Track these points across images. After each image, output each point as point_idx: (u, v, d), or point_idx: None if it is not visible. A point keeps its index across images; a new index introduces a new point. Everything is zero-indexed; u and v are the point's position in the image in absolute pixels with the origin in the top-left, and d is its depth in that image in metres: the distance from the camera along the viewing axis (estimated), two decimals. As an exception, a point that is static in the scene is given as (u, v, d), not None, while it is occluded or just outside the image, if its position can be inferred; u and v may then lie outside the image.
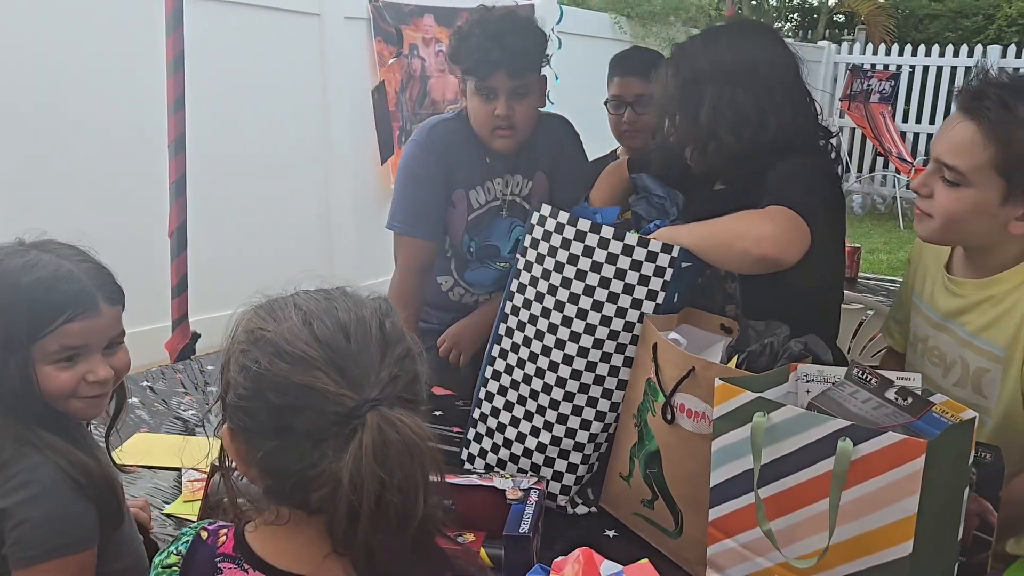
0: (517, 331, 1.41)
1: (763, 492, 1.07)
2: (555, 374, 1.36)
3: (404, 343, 0.82)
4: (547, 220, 1.38)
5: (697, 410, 1.22)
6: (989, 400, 1.33)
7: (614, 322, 1.33)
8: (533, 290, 1.39)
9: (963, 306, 1.35)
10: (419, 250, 1.90)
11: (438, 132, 1.88)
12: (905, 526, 0.96)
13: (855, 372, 1.13)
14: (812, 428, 1.02)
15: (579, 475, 1.41)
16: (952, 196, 1.25)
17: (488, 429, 1.46)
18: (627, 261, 1.31)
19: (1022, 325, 1.26)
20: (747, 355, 1.21)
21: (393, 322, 0.83)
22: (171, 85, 2.39)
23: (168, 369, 2.08)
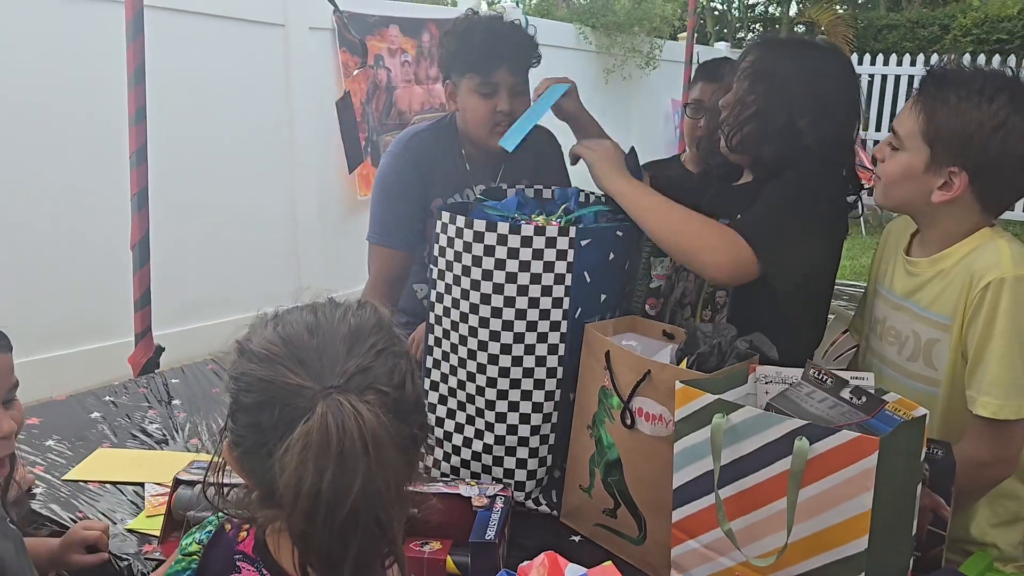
0: (444, 339, 1.42)
1: (723, 492, 1.09)
2: (485, 375, 1.38)
3: (381, 337, 0.82)
4: (448, 226, 1.39)
5: (654, 413, 1.23)
6: (939, 371, 1.38)
7: (529, 313, 1.35)
8: (449, 297, 1.40)
9: (918, 284, 1.42)
10: (391, 260, 1.91)
11: (416, 143, 1.89)
12: (860, 522, 0.98)
13: (811, 372, 1.16)
14: (770, 428, 1.04)
15: (531, 469, 1.42)
16: (894, 160, 1.38)
17: (437, 439, 1.47)
18: (528, 252, 1.33)
19: (962, 292, 1.32)
20: (697, 357, 1.23)
21: (370, 317, 0.83)
22: (132, 96, 2.37)
23: (131, 383, 2.05)
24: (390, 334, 0.83)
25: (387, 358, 0.81)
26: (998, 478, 1.33)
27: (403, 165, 1.87)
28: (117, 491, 1.53)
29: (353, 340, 0.80)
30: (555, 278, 1.35)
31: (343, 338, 0.80)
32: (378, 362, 0.80)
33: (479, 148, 1.87)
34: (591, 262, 1.38)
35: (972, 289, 1.30)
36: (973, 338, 1.30)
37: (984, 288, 1.28)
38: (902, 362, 1.44)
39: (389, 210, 1.89)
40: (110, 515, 1.44)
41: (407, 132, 1.94)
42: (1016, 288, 1.26)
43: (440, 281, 1.42)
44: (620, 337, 1.40)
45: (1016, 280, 1.26)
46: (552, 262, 1.34)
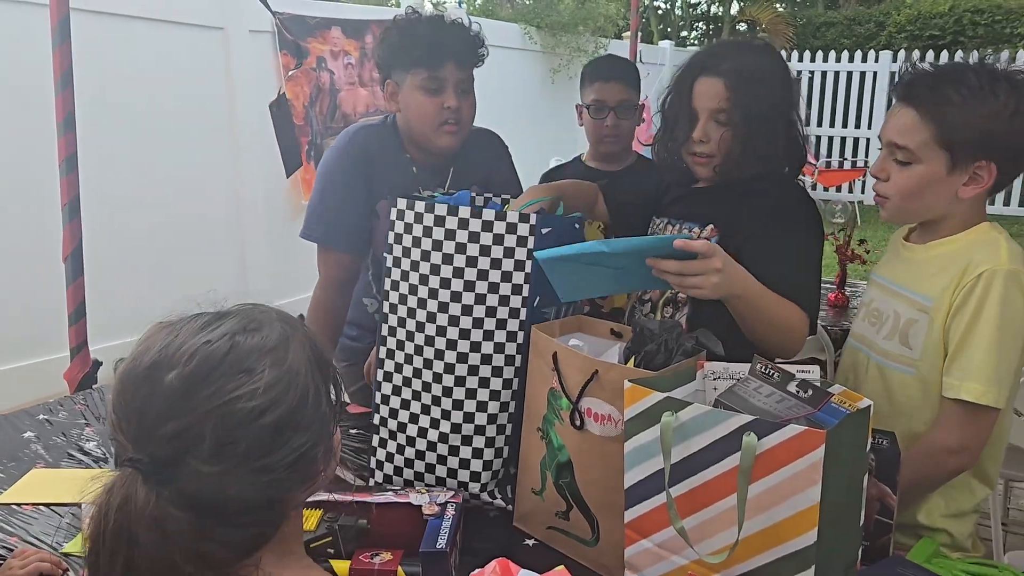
0: (399, 328, 1.40)
1: (674, 491, 1.08)
2: (442, 361, 1.36)
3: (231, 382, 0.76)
4: (405, 213, 1.38)
5: (603, 413, 1.23)
6: (914, 351, 1.40)
7: (488, 298, 1.35)
8: (406, 284, 1.39)
9: (908, 268, 1.45)
10: (337, 262, 1.83)
11: (360, 138, 1.82)
12: (809, 515, 0.98)
13: (759, 367, 1.16)
14: (718, 425, 1.03)
15: (487, 459, 1.40)
16: (905, 174, 1.37)
17: (390, 432, 1.44)
18: (489, 236, 1.33)
19: (953, 279, 1.34)
20: (644, 355, 1.23)
21: (255, 341, 0.79)
22: (59, 102, 2.28)
23: (67, 400, 1.98)
24: (254, 369, 0.78)
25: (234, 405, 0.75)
26: (961, 467, 1.35)
27: (347, 160, 1.80)
28: (53, 513, 1.46)
29: (191, 386, 0.75)
30: (515, 264, 1.35)
31: (164, 394, 0.75)
32: (214, 418, 0.75)
33: (423, 150, 1.81)
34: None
35: (964, 277, 1.33)
36: (959, 326, 1.33)
37: (977, 278, 1.31)
38: (879, 341, 1.47)
39: (333, 207, 1.80)
40: (45, 539, 1.38)
41: (351, 127, 1.87)
42: (1008, 281, 1.30)
43: (395, 269, 1.40)
44: (567, 337, 1.38)
45: (1009, 274, 1.30)
46: (512, 248, 1.34)
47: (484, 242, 1.33)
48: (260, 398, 0.77)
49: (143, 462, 0.73)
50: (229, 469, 0.74)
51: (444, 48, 1.69)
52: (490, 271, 1.34)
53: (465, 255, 1.34)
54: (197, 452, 0.74)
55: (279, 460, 0.77)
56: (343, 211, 1.79)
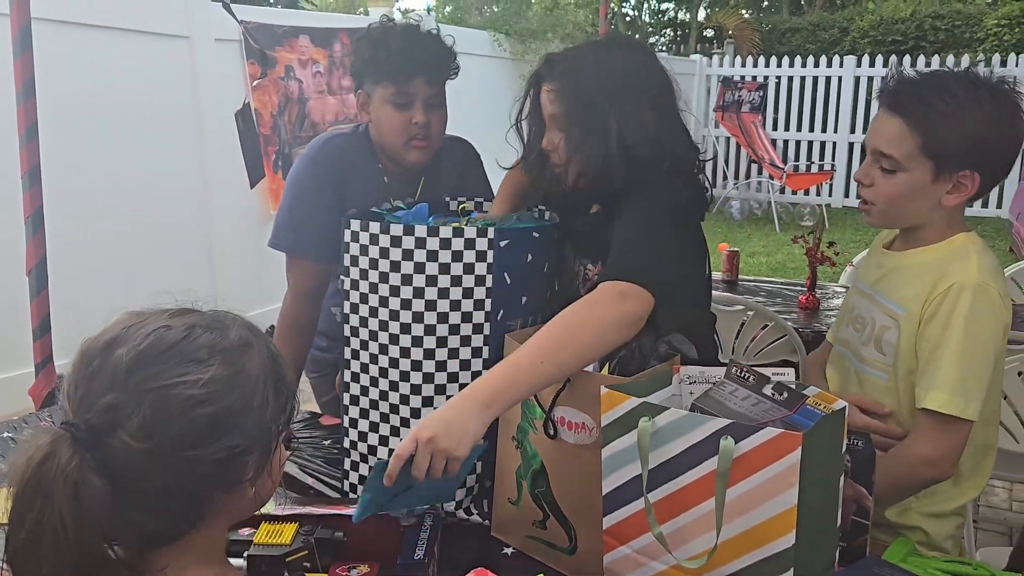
0: (361, 351, 1.38)
1: (652, 496, 1.08)
2: (408, 383, 1.35)
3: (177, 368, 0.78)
4: (360, 234, 1.35)
5: (577, 421, 1.22)
6: (887, 357, 1.42)
7: (451, 316, 1.33)
8: (366, 307, 1.36)
9: (884, 273, 1.46)
10: (306, 272, 1.80)
11: (331, 146, 1.79)
12: (787, 518, 0.98)
13: (734, 371, 1.16)
14: (695, 429, 1.03)
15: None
16: (891, 181, 1.38)
17: (361, 455, 1.42)
18: (448, 254, 1.32)
19: (924, 289, 1.36)
20: (618, 361, 1.22)
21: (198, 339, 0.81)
22: (21, 113, 2.23)
23: (32, 417, 1.93)
24: (185, 365, 0.79)
25: (166, 394, 0.77)
26: (937, 478, 1.36)
27: (318, 168, 1.77)
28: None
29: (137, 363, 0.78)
30: (476, 280, 1.33)
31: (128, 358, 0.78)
32: (148, 399, 0.76)
33: (394, 161, 1.79)
34: (510, 263, 1.36)
35: (935, 289, 1.35)
36: (929, 338, 1.34)
37: (946, 290, 1.33)
38: (858, 346, 1.49)
39: (303, 215, 1.77)
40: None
41: (323, 136, 1.84)
42: (976, 294, 1.31)
43: (354, 292, 1.37)
44: None
45: (977, 287, 1.32)
46: (472, 264, 1.33)
47: (443, 260, 1.31)
48: (201, 389, 0.78)
49: (77, 427, 0.76)
50: (155, 450, 0.76)
51: (414, 63, 1.67)
52: (451, 288, 1.32)
53: (425, 275, 1.32)
54: (128, 426, 0.76)
55: (207, 454, 0.78)
56: (312, 220, 1.77)
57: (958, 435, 1.32)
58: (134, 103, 4.09)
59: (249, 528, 1.29)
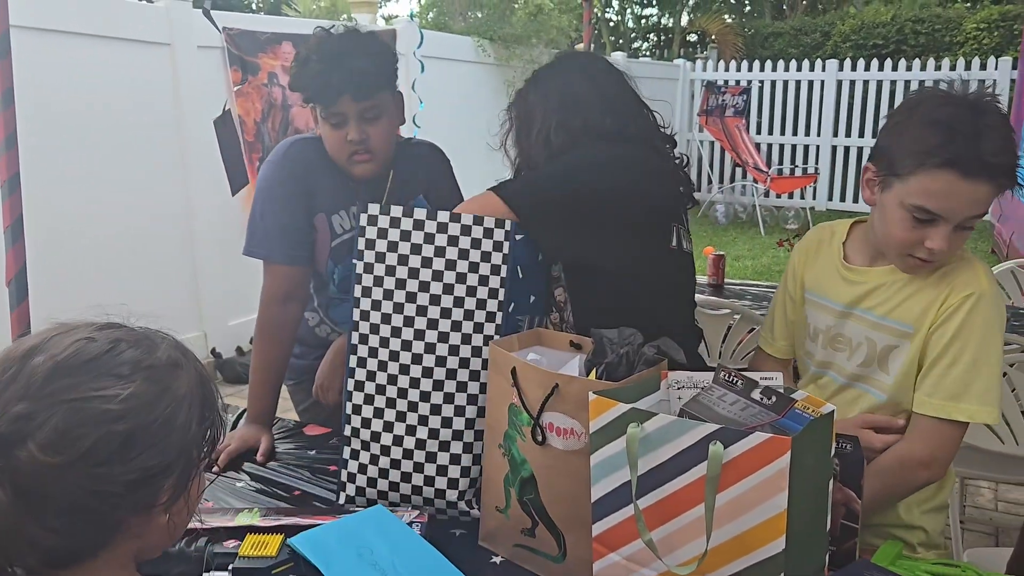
0: (372, 335, 1.39)
1: (642, 502, 1.07)
2: (420, 366, 1.37)
3: (95, 381, 0.76)
4: (379, 218, 1.38)
5: (565, 427, 1.21)
6: (890, 376, 1.42)
7: (467, 302, 1.37)
8: (380, 290, 1.39)
9: (867, 291, 1.44)
10: (280, 276, 1.78)
11: (296, 151, 1.78)
12: (777, 523, 0.98)
13: (722, 375, 1.15)
14: (684, 435, 1.02)
15: (464, 466, 1.39)
16: (966, 234, 1.33)
17: (361, 465, 1.41)
18: (468, 240, 1.37)
19: (934, 302, 1.37)
20: (605, 367, 1.22)
21: (119, 354, 0.79)
22: (0, 121, 2.21)
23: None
24: (105, 375, 0.77)
25: (79, 407, 0.74)
26: (931, 479, 1.37)
27: (284, 174, 1.76)
28: None
29: (54, 373, 0.75)
30: (492, 268, 1.37)
31: (45, 367, 0.75)
32: (64, 408, 0.74)
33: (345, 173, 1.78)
34: (523, 258, 1.41)
35: (948, 299, 1.35)
36: (937, 343, 1.35)
37: (964, 298, 1.34)
38: (851, 368, 1.47)
39: (274, 220, 1.76)
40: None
41: (286, 141, 1.82)
42: (988, 303, 1.34)
43: (367, 275, 1.39)
44: (525, 352, 1.37)
45: (993, 296, 1.35)
46: (489, 252, 1.37)
47: (463, 246, 1.37)
48: (119, 404, 0.76)
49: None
50: (64, 464, 0.73)
51: (335, 85, 1.63)
52: (468, 274, 1.37)
53: (445, 258, 1.36)
54: (38, 437, 0.73)
55: (119, 473, 0.76)
56: (284, 225, 1.76)
57: (956, 437, 1.33)
58: (116, 111, 4.06)
59: (234, 540, 1.27)
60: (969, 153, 1.24)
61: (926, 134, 1.26)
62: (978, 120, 1.25)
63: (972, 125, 1.25)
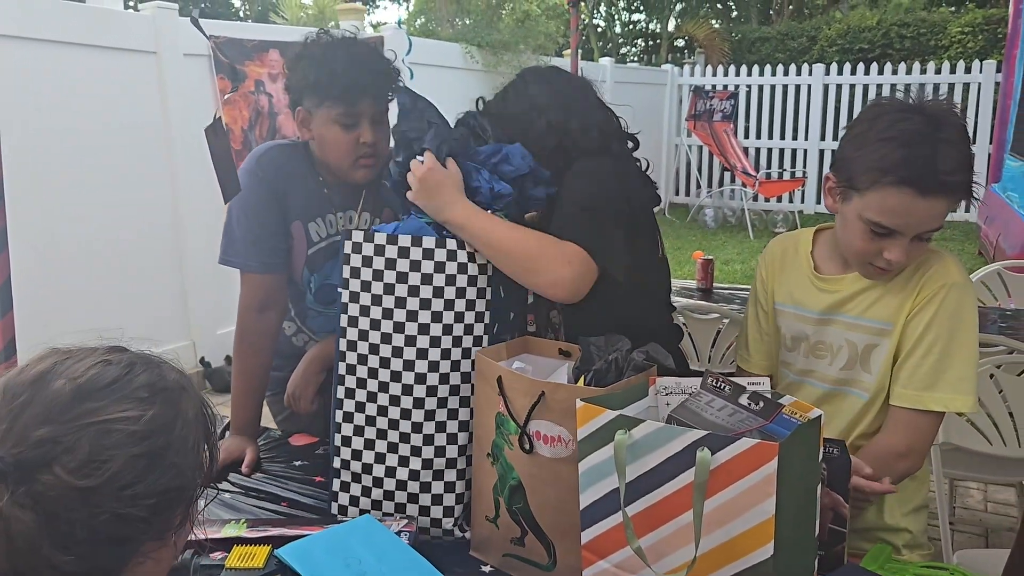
0: (360, 365, 1.37)
1: (630, 509, 1.07)
2: (411, 396, 1.34)
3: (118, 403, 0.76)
4: (363, 245, 1.35)
5: (552, 435, 1.21)
6: (872, 375, 1.42)
7: (455, 328, 1.35)
8: (367, 319, 1.35)
9: (843, 298, 1.45)
10: (256, 285, 1.76)
11: (269, 158, 1.76)
12: (765, 528, 0.98)
13: (710, 381, 1.15)
14: (672, 441, 1.02)
15: (459, 493, 1.38)
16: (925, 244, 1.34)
17: (354, 474, 1.40)
18: (454, 266, 1.34)
19: (908, 296, 1.38)
20: (594, 374, 1.21)
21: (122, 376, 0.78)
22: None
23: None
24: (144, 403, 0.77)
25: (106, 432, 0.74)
26: (909, 471, 1.38)
27: (256, 181, 1.75)
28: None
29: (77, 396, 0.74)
30: (478, 292, 1.35)
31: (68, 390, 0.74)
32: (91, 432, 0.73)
33: (338, 177, 1.76)
34: (504, 276, 1.38)
35: (921, 292, 1.36)
36: (911, 335, 1.36)
37: (937, 289, 1.35)
38: (834, 372, 1.47)
39: (248, 229, 1.75)
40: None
41: (259, 148, 1.81)
42: (960, 293, 1.35)
43: (353, 304, 1.36)
44: (512, 360, 1.36)
45: (963, 287, 1.36)
46: (475, 276, 1.35)
47: (449, 271, 1.33)
48: (142, 426, 0.76)
49: (5, 460, 0.71)
50: (92, 487, 0.73)
51: (360, 84, 1.63)
52: (456, 300, 1.34)
53: (432, 286, 1.33)
54: (65, 461, 0.72)
55: (142, 496, 0.75)
56: (259, 233, 1.75)
57: (933, 428, 1.35)
58: (102, 120, 4.04)
59: (221, 552, 1.26)
60: (926, 171, 1.23)
61: (884, 150, 1.26)
62: (936, 135, 1.24)
63: (930, 142, 1.24)
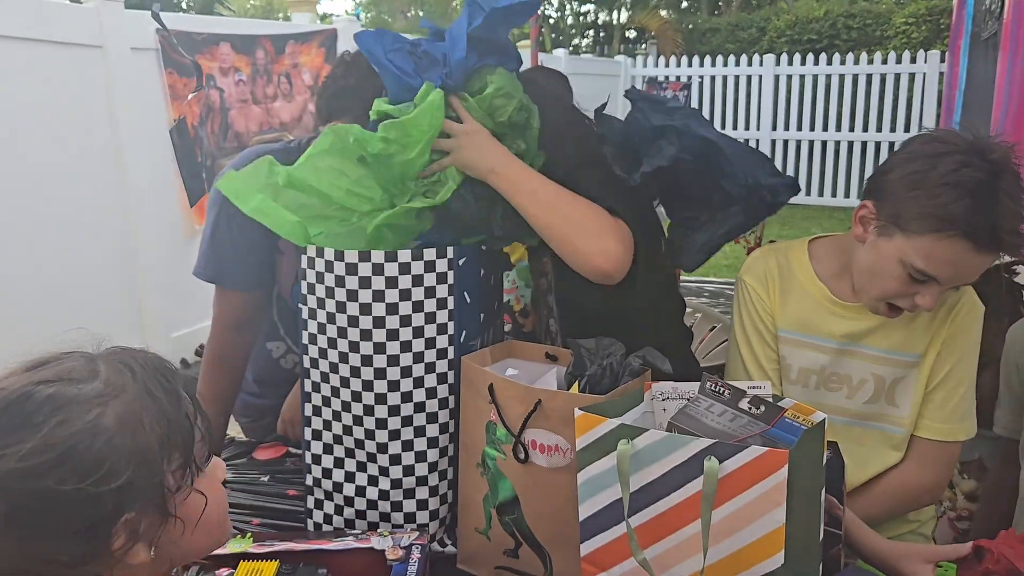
0: (323, 383, 1.30)
1: (634, 520, 1.04)
2: (373, 417, 1.27)
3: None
4: (316, 261, 1.26)
5: (549, 444, 1.17)
6: (900, 408, 1.37)
7: (415, 344, 1.26)
8: (324, 338, 1.27)
9: (867, 328, 1.37)
10: (232, 302, 1.66)
11: None
12: (775, 538, 0.96)
13: (708, 385, 1.13)
14: (677, 450, 0.99)
15: (432, 510, 1.33)
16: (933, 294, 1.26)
17: (326, 492, 1.34)
18: (408, 279, 1.24)
19: (931, 326, 1.34)
20: (588, 379, 1.18)
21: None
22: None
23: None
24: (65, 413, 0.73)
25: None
26: (933, 500, 1.37)
27: None
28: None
29: None
30: (438, 303, 1.27)
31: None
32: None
33: None
34: (469, 281, 1.31)
35: (945, 320, 1.33)
36: (943, 367, 1.33)
37: (961, 319, 1.33)
38: (855, 407, 1.40)
39: (226, 241, 1.62)
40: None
41: (250, 153, 1.66)
42: (979, 322, 1.33)
43: (311, 321, 1.29)
44: (501, 366, 1.33)
45: (980, 314, 1.33)
46: (433, 287, 1.26)
47: (403, 286, 1.24)
48: (33, 458, 0.70)
49: None
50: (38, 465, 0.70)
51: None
52: (413, 315, 1.25)
53: (385, 303, 1.24)
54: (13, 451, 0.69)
55: (48, 534, 0.71)
56: (236, 246, 1.62)
57: (956, 456, 1.33)
58: (46, 116, 3.87)
59: (227, 568, 1.20)
60: (986, 226, 1.17)
61: (945, 198, 1.18)
62: (997, 184, 1.17)
63: (991, 194, 1.17)
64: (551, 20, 14.62)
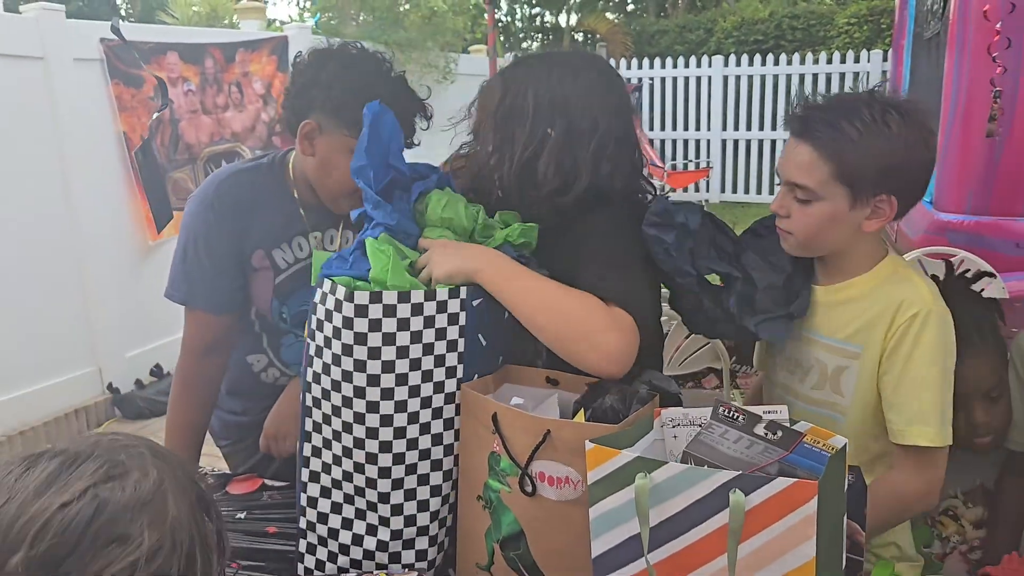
0: (325, 425, 1.24)
1: (653, 557, 1.00)
2: (376, 465, 1.21)
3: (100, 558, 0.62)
4: (327, 297, 1.20)
5: (559, 476, 1.13)
6: (846, 397, 1.38)
7: (423, 388, 1.20)
8: (328, 379, 1.21)
9: (821, 314, 1.40)
10: (202, 325, 1.62)
11: (229, 185, 1.60)
12: (805, 572, 0.92)
13: (721, 411, 1.09)
14: (698, 484, 0.96)
15: (431, 559, 1.28)
16: (808, 211, 1.32)
17: (320, 537, 1.28)
18: (420, 321, 1.18)
19: (877, 323, 1.33)
20: (592, 411, 1.14)
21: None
22: None
23: None
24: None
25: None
26: (927, 508, 1.36)
27: (212, 214, 1.58)
28: None
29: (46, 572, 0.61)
30: (447, 345, 1.20)
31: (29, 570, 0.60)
32: None
33: (326, 201, 1.60)
34: (486, 322, 1.24)
35: (895, 320, 1.31)
36: (894, 369, 1.31)
37: (910, 319, 1.30)
38: (806, 391, 1.43)
39: (196, 263, 1.58)
40: None
41: (221, 173, 1.63)
42: (938, 321, 1.30)
43: (318, 359, 1.22)
44: (503, 394, 1.27)
45: (939, 313, 1.31)
46: (444, 328, 1.19)
47: (415, 328, 1.17)
48: (141, 572, 0.61)
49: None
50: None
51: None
52: (423, 359, 1.19)
53: (395, 346, 1.17)
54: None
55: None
56: (207, 269, 1.59)
57: (942, 462, 1.31)
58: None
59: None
60: (803, 115, 1.31)
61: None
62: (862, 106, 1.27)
63: (839, 101, 1.32)
64: (500, 23, 14.61)
